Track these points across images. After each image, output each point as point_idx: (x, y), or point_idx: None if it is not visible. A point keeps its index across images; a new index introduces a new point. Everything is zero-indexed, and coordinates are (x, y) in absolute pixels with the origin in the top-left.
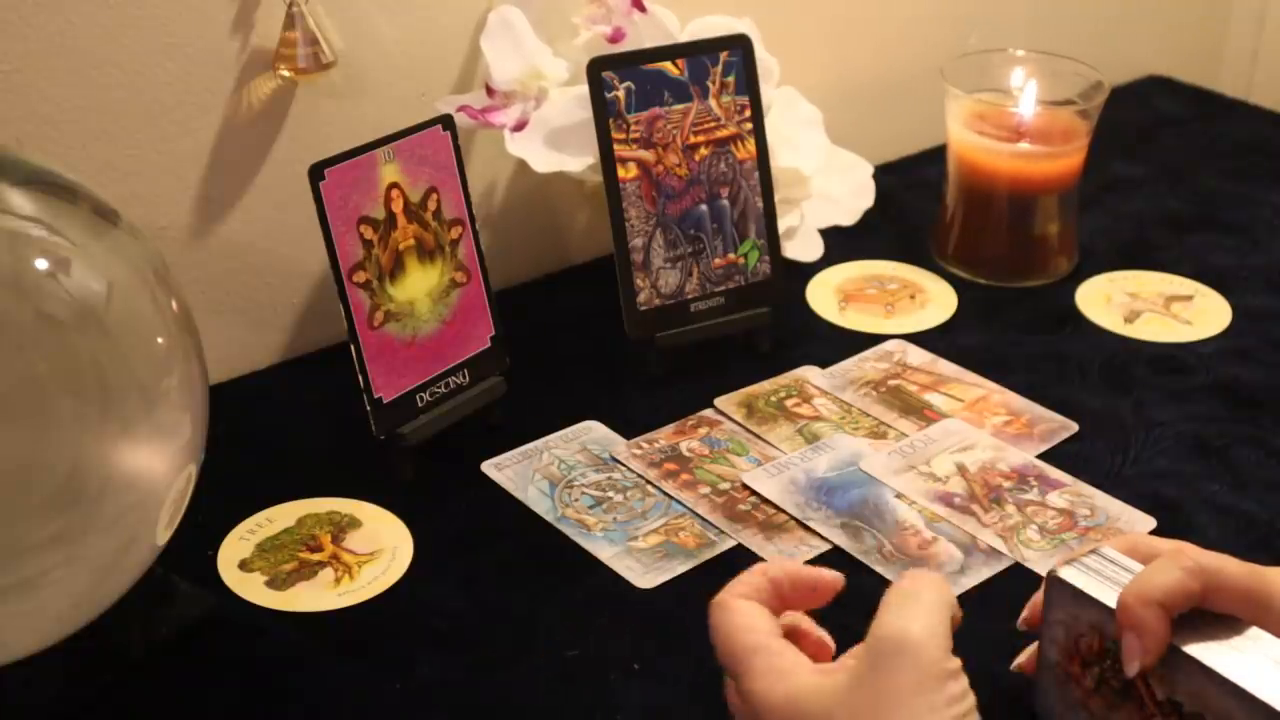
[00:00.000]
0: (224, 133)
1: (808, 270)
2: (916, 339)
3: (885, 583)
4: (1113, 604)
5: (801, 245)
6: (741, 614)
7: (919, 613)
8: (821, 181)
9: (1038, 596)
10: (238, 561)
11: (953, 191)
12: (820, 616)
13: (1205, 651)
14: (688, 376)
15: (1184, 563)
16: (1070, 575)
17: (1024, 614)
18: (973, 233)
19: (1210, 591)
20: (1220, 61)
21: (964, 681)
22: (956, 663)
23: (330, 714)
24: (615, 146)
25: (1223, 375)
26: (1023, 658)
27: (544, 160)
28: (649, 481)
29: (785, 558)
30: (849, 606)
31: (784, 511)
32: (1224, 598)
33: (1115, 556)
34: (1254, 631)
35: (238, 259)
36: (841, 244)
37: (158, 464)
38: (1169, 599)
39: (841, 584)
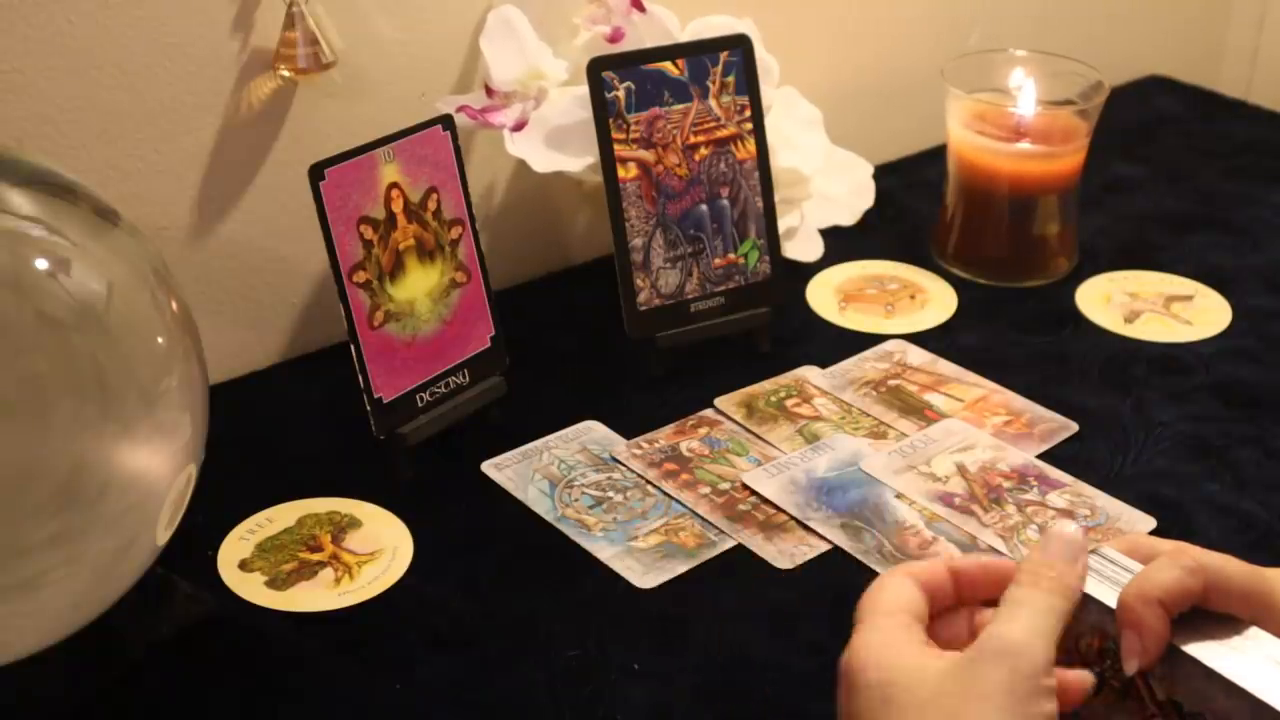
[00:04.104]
0: (224, 133)
1: (808, 270)
2: (916, 339)
3: None
4: (1113, 604)
5: (801, 245)
6: (893, 585)
7: (1025, 618)
8: (821, 181)
9: None
10: (238, 561)
11: (953, 191)
12: (822, 616)
13: (1205, 651)
14: (688, 376)
15: (1184, 561)
16: None
17: None
18: (973, 233)
19: (1211, 591)
20: (1220, 61)
21: (1055, 704)
22: (1053, 681)
23: (330, 714)
24: (615, 146)
25: (1223, 375)
26: None
27: (544, 160)
28: (649, 481)
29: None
30: (850, 606)
31: (784, 511)
32: (1224, 597)
33: (1115, 556)
34: (1254, 631)
35: (237, 259)
36: (841, 244)
37: (158, 464)
38: (1169, 597)
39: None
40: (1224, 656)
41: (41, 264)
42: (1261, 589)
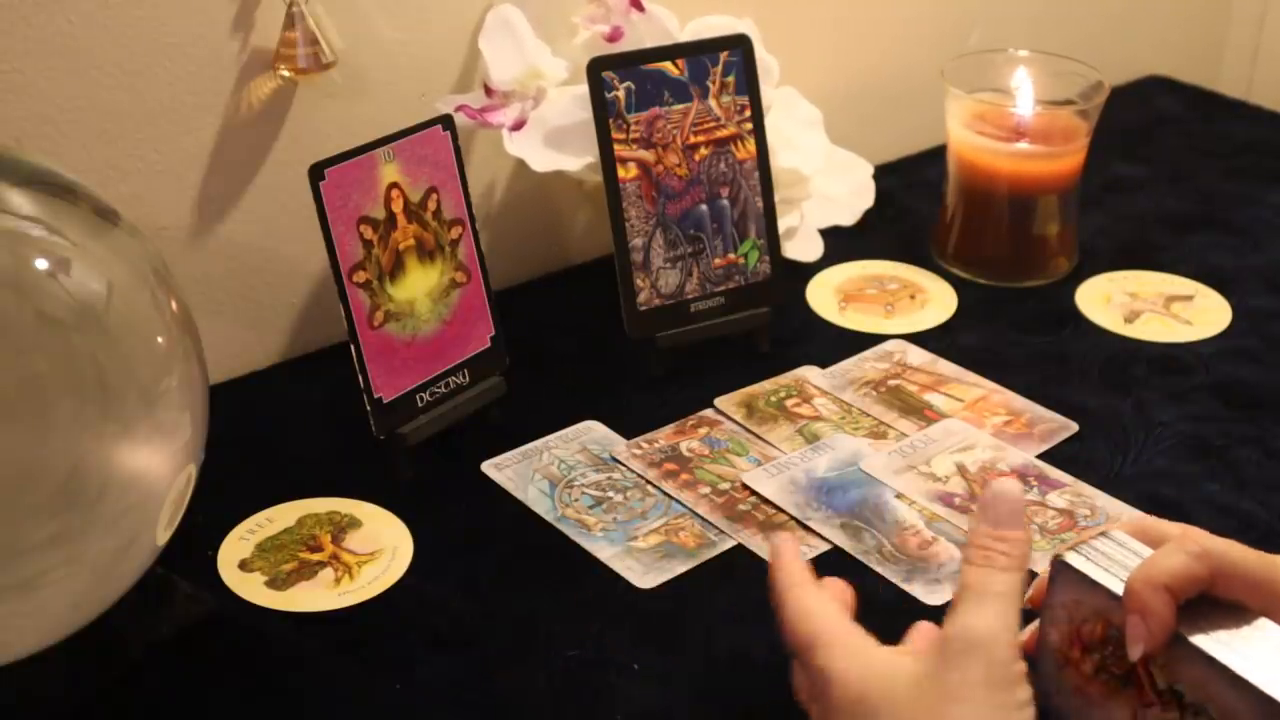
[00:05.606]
0: (224, 133)
1: (808, 270)
2: (916, 339)
3: (886, 583)
4: (1118, 591)
5: (801, 245)
6: (810, 597)
7: (989, 611)
8: (821, 181)
9: (1043, 576)
10: (238, 561)
11: (953, 191)
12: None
13: (1208, 640)
14: (688, 376)
15: (1191, 548)
16: (1076, 561)
17: (1029, 592)
18: (973, 233)
19: (1219, 577)
20: (1220, 61)
21: (1029, 690)
22: (1023, 666)
23: (330, 714)
24: (615, 146)
25: (1223, 375)
26: (1024, 636)
27: (542, 160)
28: (649, 481)
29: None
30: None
31: (784, 511)
32: (1231, 584)
33: (1123, 539)
34: (1261, 621)
35: (237, 259)
36: (841, 244)
37: (158, 464)
38: (1175, 583)
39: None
40: (1228, 646)
41: (41, 264)
42: (1271, 577)
